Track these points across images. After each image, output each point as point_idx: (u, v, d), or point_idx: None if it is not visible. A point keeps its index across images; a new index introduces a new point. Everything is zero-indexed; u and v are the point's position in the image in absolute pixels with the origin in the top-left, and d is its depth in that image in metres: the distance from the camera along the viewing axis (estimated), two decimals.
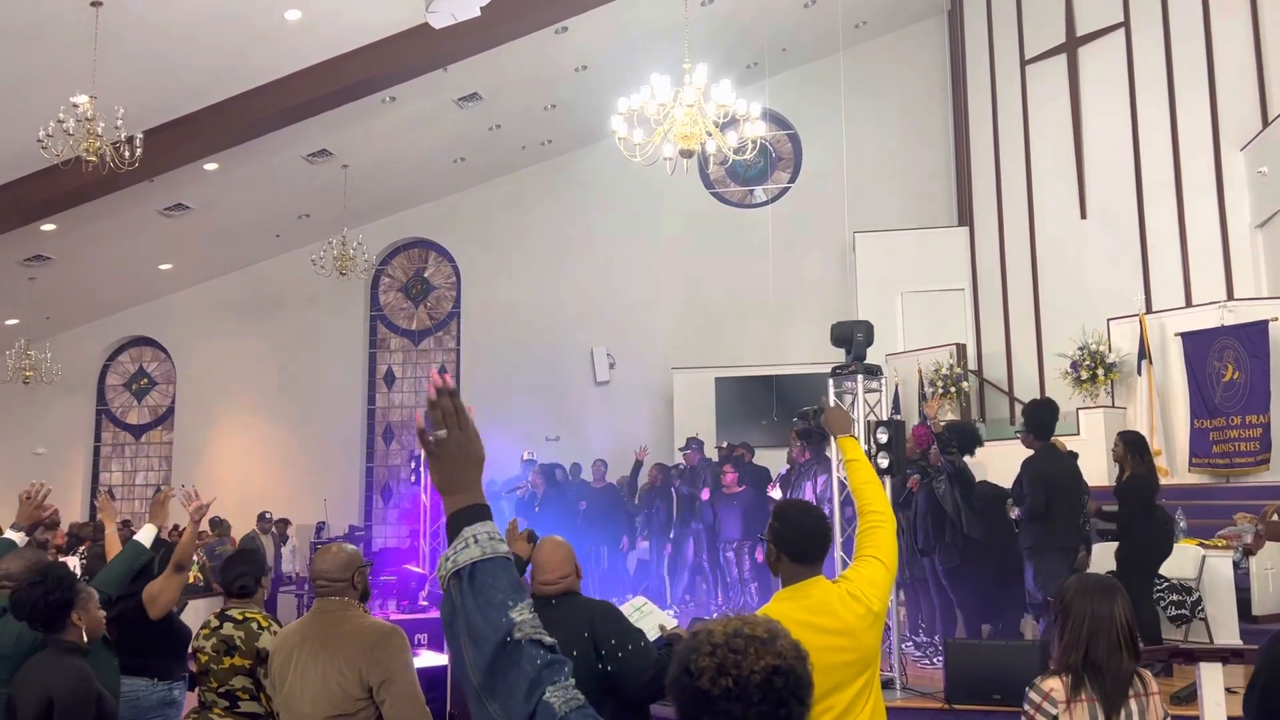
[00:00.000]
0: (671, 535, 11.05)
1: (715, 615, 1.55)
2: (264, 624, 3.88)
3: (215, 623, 3.92)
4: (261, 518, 13.15)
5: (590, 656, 3.12)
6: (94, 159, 8.95)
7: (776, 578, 2.93)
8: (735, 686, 1.36)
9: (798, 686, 1.40)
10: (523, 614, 1.45)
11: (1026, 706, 2.80)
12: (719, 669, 1.37)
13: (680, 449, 11.79)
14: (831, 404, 3.30)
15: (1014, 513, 7.07)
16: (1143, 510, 6.87)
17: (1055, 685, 2.77)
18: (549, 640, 1.46)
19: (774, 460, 10.98)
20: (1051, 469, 6.94)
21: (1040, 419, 7.23)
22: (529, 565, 3.76)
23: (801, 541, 2.81)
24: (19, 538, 4.46)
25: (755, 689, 1.36)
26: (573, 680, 1.45)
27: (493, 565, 1.47)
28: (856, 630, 2.75)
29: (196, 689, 4.01)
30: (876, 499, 3.07)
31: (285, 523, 13.65)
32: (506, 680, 1.42)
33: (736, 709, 1.36)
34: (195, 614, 7.64)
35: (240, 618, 3.91)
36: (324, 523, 14.80)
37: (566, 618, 3.24)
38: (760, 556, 9.99)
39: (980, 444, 8.54)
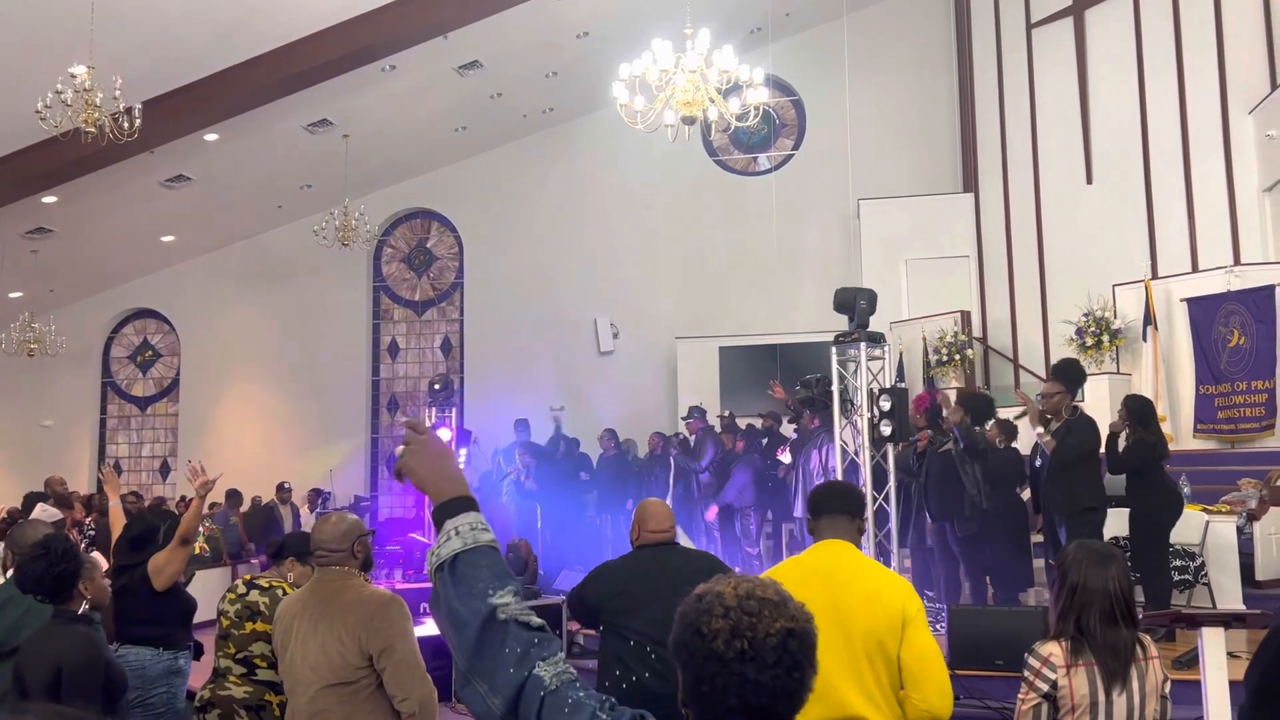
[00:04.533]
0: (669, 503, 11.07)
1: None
2: (288, 593, 3.92)
3: (242, 589, 3.99)
4: (280, 488, 13.26)
5: None
6: (93, 130, 8.89)
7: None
8: (750, 648, 1.36)
9: (809, 649, 1.41)
10: (505, 598, 1.47)
11: (1026, 672, 2.80)
12: (733, 631, 1.37)
13: (683, 418, 11.80)
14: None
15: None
16: (1148, 475, 6.85)
17: (1054, 650, 2.77)
18: (536, 621, 1.48)
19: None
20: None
21: (1077, 372, 7.12)
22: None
23: (823, 497, 3.10)
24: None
25: (770, 651, 1.36)
26: (562, 655, 1.46)
27: (474, 555, 1.50)
28: (850, 604, 2.81)
29: (215, 654, 4.05)
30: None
31: (317, 492, 13.91)
32: (495, 659, 1.43)
33: (751, 671, 1.35)
34: (203, 585, 7.68)
35: (267, 585, 3.98)
36: (330, 493, 14.86)
37: (691, 560, 3.70)
38: (710, 515, 10.05)
39: (994, 414, 8.48)
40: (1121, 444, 6.97)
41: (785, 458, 9.92)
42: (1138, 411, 6.91)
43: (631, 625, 3.53)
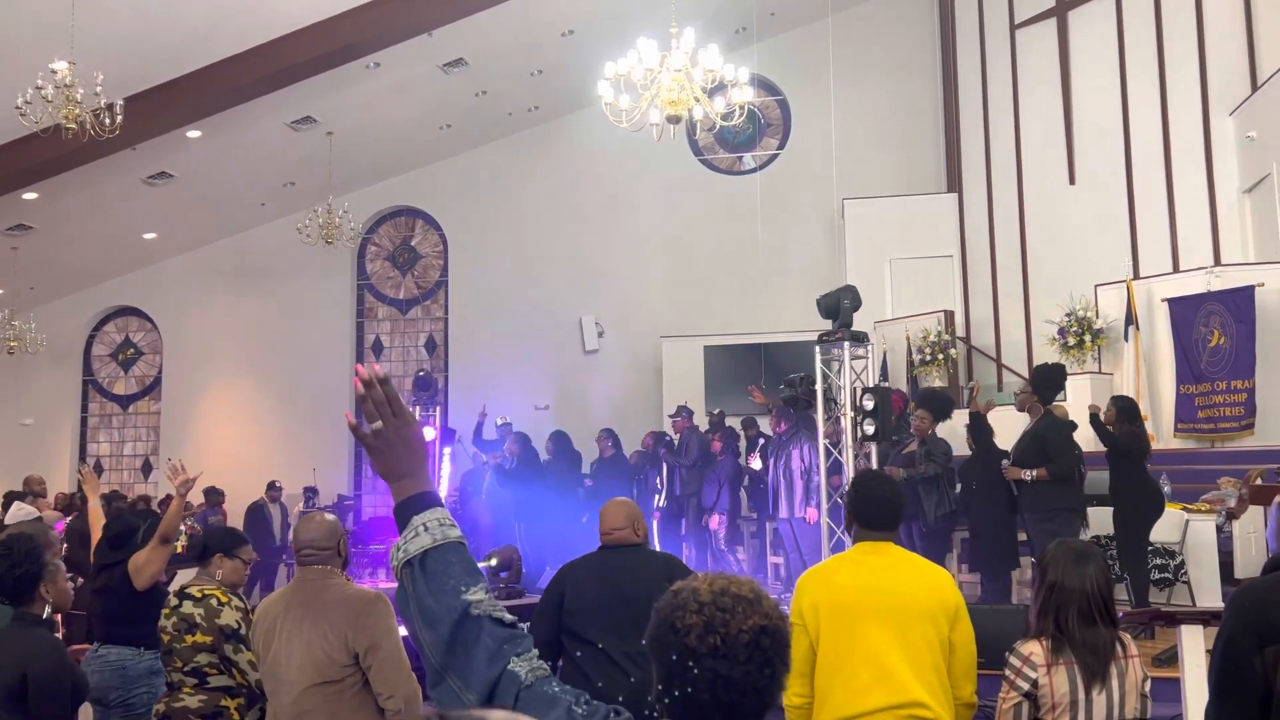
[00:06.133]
0: (663, 504, 11.04)
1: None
2: (224, 600, 3.83)
3: (175, 601, 3.86)
4: (270, 486, 13.19)
5: None
6: (74, 126, 8.82)
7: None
8: (723, 645, 1.36)
9: (782, 646, 1.41)
10: (478, 594, 1.45)
11: (1007, 670, 2.82)
12: (706, 627, 1.37)
13: (670, 415, 11.77)
14: None
15: (1025, 474, 6.91)
16: (1131, 473, 6.93)
17: (1035, 649, 2.79)
18: (509, 617, 1.47)
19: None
20: (1068, 433, 7.02)
21: (1051, 379, 7.27)
22: None
23: (872, 511, 3.12)
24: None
25: (743, 648, 1.36)
26: (536, 652, 1.46)
27: (444, 551, 1.47)
28: (907, 595, 2.95)
29: (165, 669, 3.96)
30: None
31: (313, 490, 13.87)
32: (468, 655, 1.43)
33: (722, 667, 1.36)
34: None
35: (199, 595, 3.84)
36: (315, 490, 14.79)
37: (644, 564, 3.70)
38: (713, 524, 10.04)
39: (950, 414, 8.49)
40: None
41: (755, 463, 9.89)
42: (1127, 410, 7.07)
43: (588, 631, 3.55)
